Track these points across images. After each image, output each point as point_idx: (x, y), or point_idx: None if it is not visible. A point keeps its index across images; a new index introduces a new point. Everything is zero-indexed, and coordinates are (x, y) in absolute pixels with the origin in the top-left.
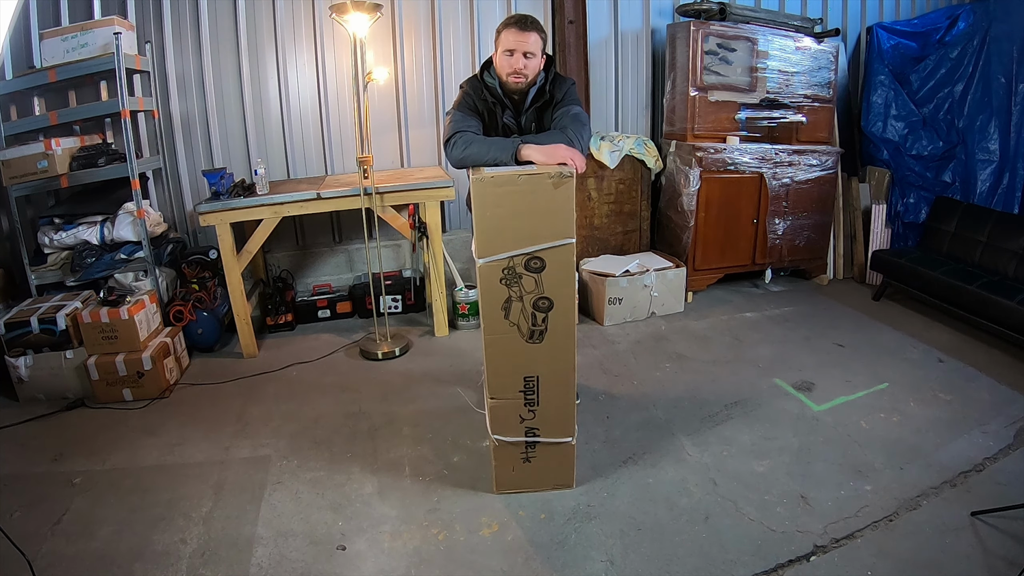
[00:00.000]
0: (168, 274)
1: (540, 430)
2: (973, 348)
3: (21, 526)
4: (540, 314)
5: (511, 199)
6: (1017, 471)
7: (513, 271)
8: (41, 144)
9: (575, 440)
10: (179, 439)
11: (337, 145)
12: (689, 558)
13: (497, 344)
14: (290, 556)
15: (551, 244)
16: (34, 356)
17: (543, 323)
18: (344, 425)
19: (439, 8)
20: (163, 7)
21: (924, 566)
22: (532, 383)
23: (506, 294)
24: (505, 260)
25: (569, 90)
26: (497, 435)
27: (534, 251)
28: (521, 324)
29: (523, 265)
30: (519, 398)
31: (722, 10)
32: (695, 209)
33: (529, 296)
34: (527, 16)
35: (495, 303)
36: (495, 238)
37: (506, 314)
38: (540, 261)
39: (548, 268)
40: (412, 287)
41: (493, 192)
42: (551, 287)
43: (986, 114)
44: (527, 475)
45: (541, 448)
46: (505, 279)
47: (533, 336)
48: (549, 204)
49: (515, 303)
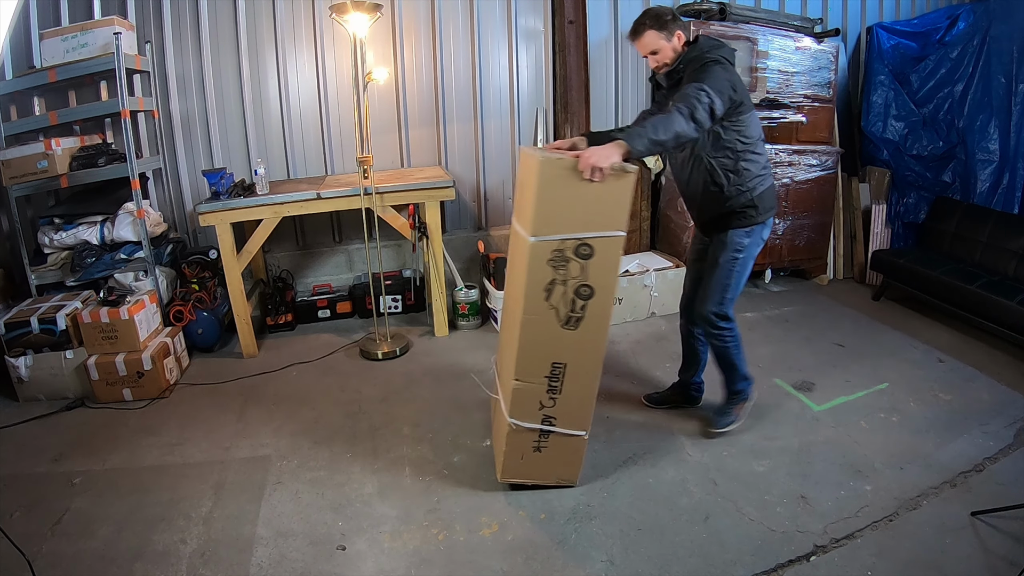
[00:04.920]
0: (168, 274)
1: (557, 420)
2: (973, 348)
3: (21, 526)
4: (580, 301)
5: (573, 184)
6: (1017, 471)
7: (562, 254)
8: (41, 144)
9: (587, 436)
10: (179, 439)
11: (337, 145)
12: (689, 558)
13: (533, 325)
14: (290, 556)
15: (603, 233)
16: (34, 356)
17: (581, 310)
18: (344, 425)
19: (439, 8)
20: (163, 7)
21: (924, 566)
22: (559, 370)
23: (551, 276)
24: (557, 242)
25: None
26: (515, 419)
27: (586, 237)
28: (560, 308)
29: (573, 250)
30: (543, 383)
31: (722, 10)
32: None
33: (573, 282)
34: (636, 22)
35: (539, 283)
36: (552, 219)
37: (547, 296)
38: (590, 248)
39: (595, 257)
40: (412, 287)
41: (558, 174)
42: (595, 276)
43: (986, 114)
44: (534, 465)
45: (554, 439)
46: (553, 261)
47: (569, 322)
48: (607, 195)
49: (558, 286)
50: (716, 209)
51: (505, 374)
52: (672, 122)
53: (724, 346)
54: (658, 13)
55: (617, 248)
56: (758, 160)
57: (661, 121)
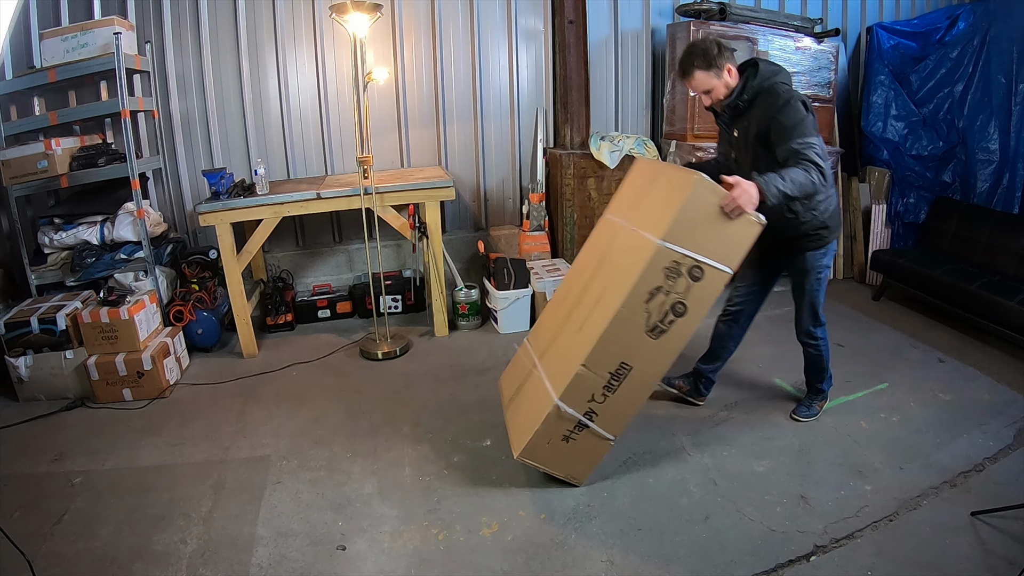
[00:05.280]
0: (168, 274)
1: (598, 417)
2: (973, 348)
3: (21, 526)
4: (672, 316)
5: (713, 211)
6: (1017, 471)
7: (678, 268)
8: (41, 144)
9: (615, 442)
10: (179, 439)
11: (337, 145)
12: (689, 558)
13: (623, 320)
14: (290, 556)
15: (717, 264)
16: (34, 356)
17: (668, 324)
18: (344, 425)
19: (439, 8)
20: (163, 7)
21: (924, 566)
22: (624, 372)
23: (660, 283)
24: (679, 255)
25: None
26: (563, 402)
27: (704, 262)
28: (653, 314)
29: (688, 268)
30: (605, 378)
31: (722, 10)
32: None
33: (675, 296)
34: (683, 61)
35: (647, 284)
36: (683, 233)
37: (649, 299)
38: (701, 272)
39: (702, 282)
40: (412, 287)
41: (707, 198)
42: (694, 299)
43: (986, 114)
44: (556, 454)
45: (586, 434)
46: (668, 270)
47: (654, 331)
48: (733, 233)
49: (661, 295)
50: (790, 232)
51: (561, 356)
52: (800, 178)
53: (818, 353)
54: (704, 50)
55: (722, 282)
56: (828, 184)
57: (791, 176)
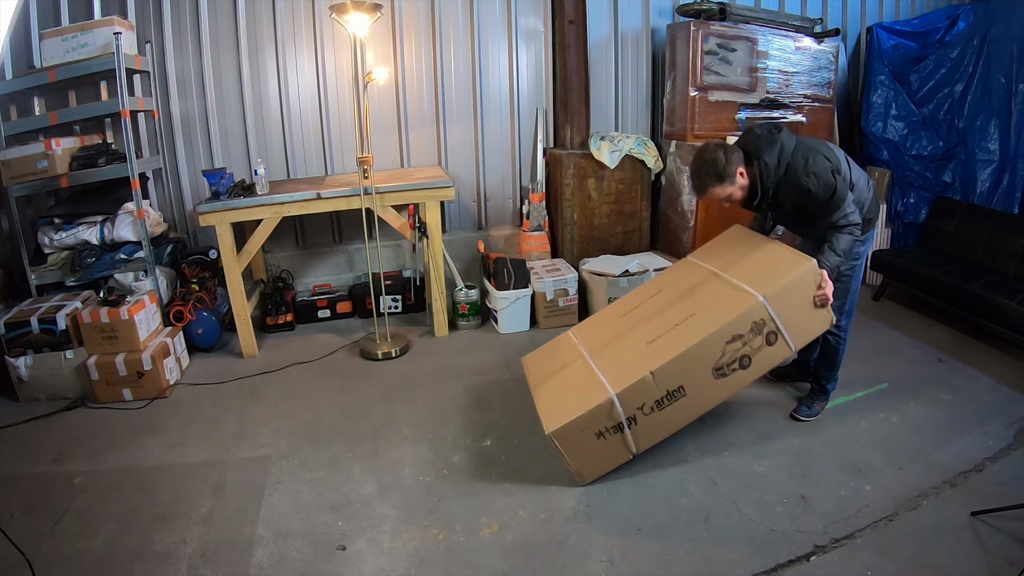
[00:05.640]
0: (168, 274)
1: (636, 426)
2: (973, 348)
3: (21, 526)
4: (737, 366)
5: (808, 295)
6: (1017, 471)
7: (761, 327)
8: (41, 144)
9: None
10: (179, 439)
11: (337, 145)
12: (689, 558)
13: (703, 348)
14: (290, 556)
15: (789, 337)
16: (34, 356)
17: (730, 371)
18: (344, 425)
19: (439, 8)
20: (163, 7)
21: (924, 566)
22: (679, 394)
23: (743, 333)
24: (769, 318)
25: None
26: (620, 399)
27: (782, 331)
28: (725, 355)
29: (769, 331)
30: (662, 392)
31: (722, 10)
32: (695, 209)
33: (746, 349)
34: (695, 181)
35: (735, 329)
36: (782, 302)
37: (729, 341)
38: (776, 339)
39: (772, 347)
40: (412, 287)
41: (811, 282)
42: (759, 358)
43: (986, 114)
44: (581, 444)
45: (617, 438)
46: (755, 325)
47: (719, 371)
48: (812, 318)
49: (738, 342)
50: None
51: (623, 358)
52: (847, 245)
53: (836, 346)
54: (713, 165)
55: (783, 356)
56: (863, 193)
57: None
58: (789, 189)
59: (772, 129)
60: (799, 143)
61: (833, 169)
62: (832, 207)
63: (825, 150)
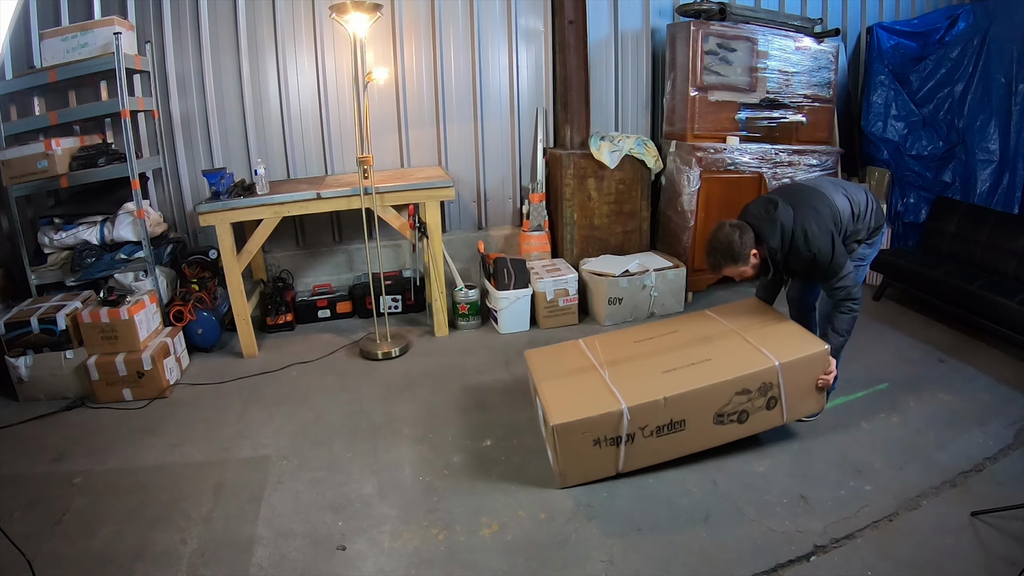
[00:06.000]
0: (168, 274)
1: (632, 444)
2: (973, 348)
3: (21, 526)
4: (734, 418)
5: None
6: (1017, 471)
7: (767, 389)
8: (41, 144)
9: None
10: (179, 439)
11: (337, 145)
12: (689, 558)
13: (714, 391)
14: (290, 556)
15: (785, 407)
16: (34, 356)
17: (728, 421)
18: (344, 425)
19: (439, 8)
20: (163, 7)
21: (924, 566)
22: (679, 427)
23: (752, 388)
24: (776, 384)
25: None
26: (629, 413)
27: (781, 398)
28: (730, 404)
29: (771, 396)
30: (667, 420)
31: (722, 10)
32: (695, 209)
33: (748, 405)
34: (712, 261)
35: (747, 383)
36: (792, 374)
37: (737, 392)
38: (775, 404)
39: (769, 411)
40: (412, 287)
41: (820, 365)
42: (753, 418)
43: (986, 114)
44: (575, 446)
45: (610, 451)
46: (763, 385)
47: (719, 416)
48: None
49: (744, 396)
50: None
51: (638, 380)
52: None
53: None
54: (728, 249)
55: (774, 423)
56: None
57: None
58: (797, 258)
59: (768, 207)
60: (796, 214)
61: (832, 235)
62: (831, 273)
63: (820, 205)
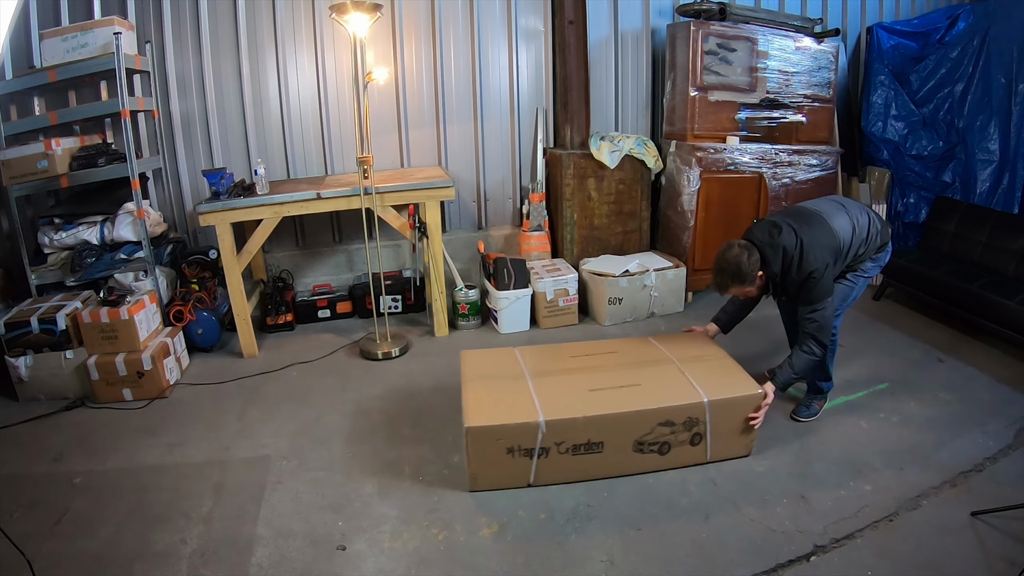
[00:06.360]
0: (168, 274)
1: (545, 459)
2: (973, 348)
3: (21, 526)
4: (655, 448)
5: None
6: (1017, 471)
7: (693, 424)
8: (41, 144)
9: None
10: (179, 439)
11: (337, 145)
12: (689, 558)
13: (636, 418)
14: (290, 556)
15: (709, 444)
16: (34, 356)
17: (648, 450)
18: (344, 425)
19: (439, 8)
20: (163, 7)
21: (924, 566)
22: (595, 448)
23: (677, 422)
24: (705, 419)
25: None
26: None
27: (708, 437)
28: (651, 434)
29: (696, 432)
30: (583, 440)
31: (722, 10)
32: (695, 209)
33: (670, 437)
34: (719, 281)
35: (671, 415)
36: (720, 412)
37: (662, 423)
38: (699, 440)
39: (695, 445)
40: (412, 287)
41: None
42: (675, 451)
43: (986, 114)
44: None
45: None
46: (689, 419)
47: (639, 444)
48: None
49: (667, 428)
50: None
51: (562, 394)
52: (804, 363)
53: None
54: (736, 271)
55: (698, 458)
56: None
57: (798, 365)
58: (791, 279)
59: (772, 230)
60: (798, 240)
61: (827, 266)
62: (811, 299)
63: (821, 235)
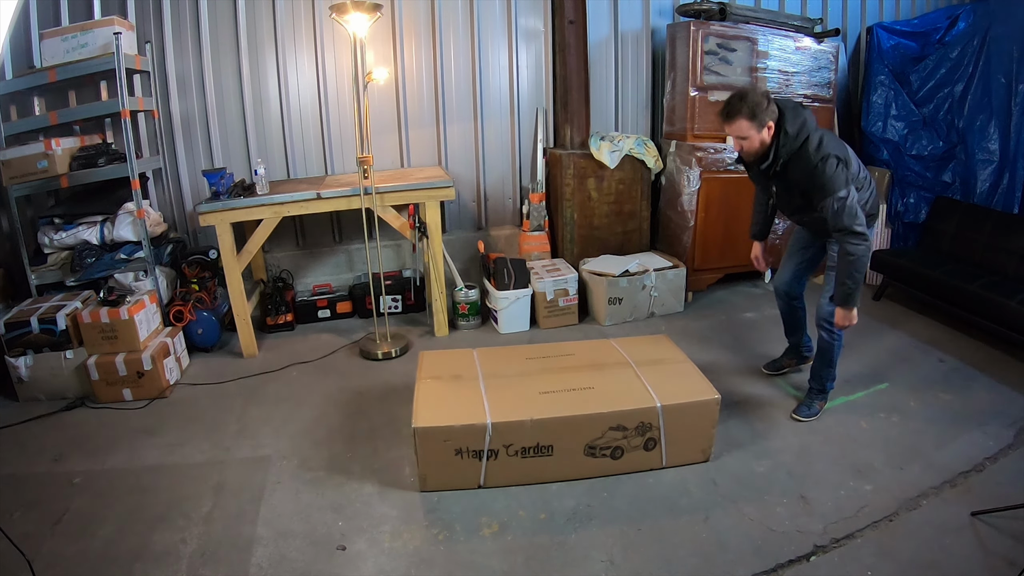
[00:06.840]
0: (168, 274)
1: (494, 461)
2: (973, 348)
3: (21, 526)
4: (607, 453)
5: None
6: (1017, 471)
7: (647, 429)
8: (41, 144)
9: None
10: (179, 439)
11: (337, 145)
12: (689, 558)
13: (586, 421)
14: (290, 556)
15: (664, 451)
16: (34, 356)
17: (600, 454)
18: (344, 425)
19: (439, 8)
20: (163, 7)
21: (924, 566)
22: (545, 451)
23: (629, 426)
24: (658, 424)
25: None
26: (494, 428)
27: (663, 443)
28: (603, 438)
29: (649, 436)
30: (533, 443)
31: (722, 10)
32: (695, 209)
33: (625, 442)
34: (731, 104)
35: (623, 419)
36: (674, 417)
37: (613, 427)
38: (653, 446)
39: (646, 452)
40: (412, 287)
41: (706, 410)
42: (630, 457)
43: (986, 114)
44: (436, 452)
45: (473, 463)
46: (643, 425)
47: (591, 449)
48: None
49: (619, 433)
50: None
51: (512, 396)
52: (860, 265)
53: (832, 343)
54: (754, 103)
55: (653, 463)
56: (865, 190)
57: (851, 270)
58: (798, 163)
59: (798, 106)
60: (817, 127)
61: (842, 158)
62: (827, 190)
63: (838, 140)
